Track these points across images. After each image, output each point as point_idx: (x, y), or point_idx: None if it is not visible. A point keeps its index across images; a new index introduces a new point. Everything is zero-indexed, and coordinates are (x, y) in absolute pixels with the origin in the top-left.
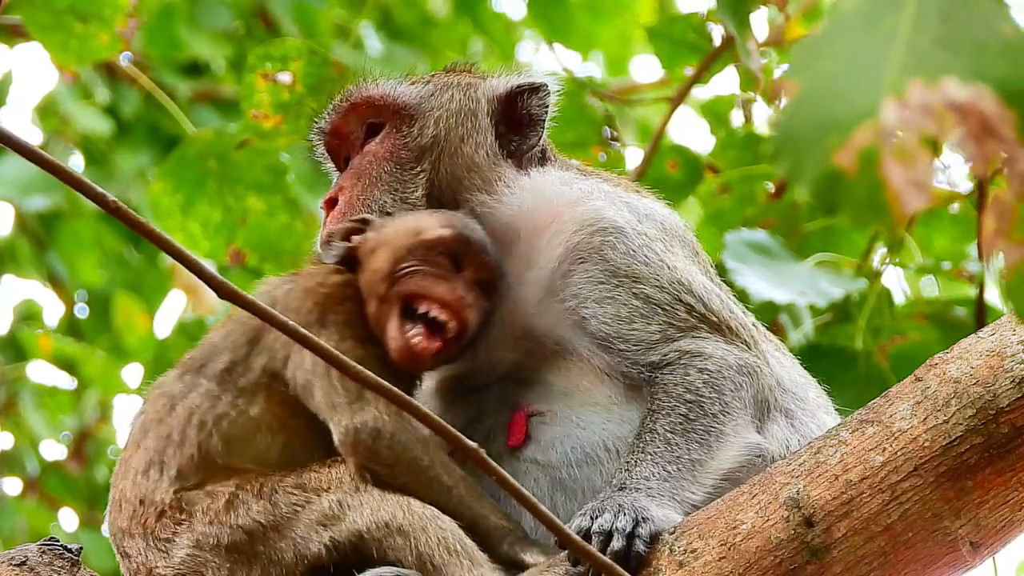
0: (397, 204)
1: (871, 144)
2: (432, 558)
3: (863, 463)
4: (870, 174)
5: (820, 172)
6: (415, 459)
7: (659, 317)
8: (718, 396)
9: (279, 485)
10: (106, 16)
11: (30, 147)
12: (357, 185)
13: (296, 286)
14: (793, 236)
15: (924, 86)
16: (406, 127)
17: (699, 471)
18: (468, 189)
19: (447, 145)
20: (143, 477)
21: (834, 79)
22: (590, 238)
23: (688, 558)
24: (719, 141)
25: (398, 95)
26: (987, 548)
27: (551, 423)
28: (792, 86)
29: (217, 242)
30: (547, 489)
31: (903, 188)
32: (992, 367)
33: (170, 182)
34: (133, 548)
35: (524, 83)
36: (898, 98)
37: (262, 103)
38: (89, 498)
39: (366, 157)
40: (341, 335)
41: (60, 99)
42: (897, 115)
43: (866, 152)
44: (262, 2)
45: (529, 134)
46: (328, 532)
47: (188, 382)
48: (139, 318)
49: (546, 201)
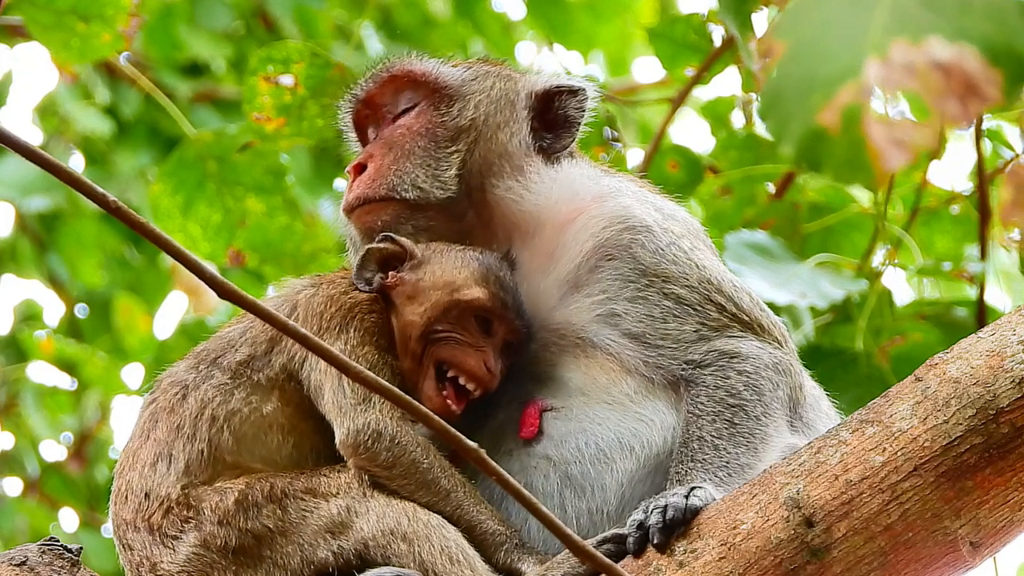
0: (429, 180)
1: (854, 103)
2: (434, 566)
3: (863, 463)
4: (852, 132)
5: (804, 130)
6: (414, 462)
7: (692, 317)
8: (759, 398)
9: (290, 488)
10: (108, 15)
11: (30, 147)
12: (388, 155)
13: (320, 292)
14: (794, 237)
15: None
16: (444, 106)
17: (748, 475)
18: (497, 175)
19: (484, 130)
20: (151, 469)
21: (819, 39)
22: (619, 235)
23: (688, 558)
24: (720, 142)
25: (440, 73)
26: (987, 548)
27: (566, 419)
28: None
29: (217, 243)
30: (556, 485)
31: (884, 146)
32: (992, 367)
33: (170, 183)
34: (137, 541)
35: (564, 84)
36: (881, 57)
37: (264, 106)
38: (89, 498)
39: (399, 129)
40: (361, 341)
41: (60, 99)
42: (880, 74)
43: (849, 110)
44: (262, 2)
45: (562, 135)
46: (336, 540)
47: (202, 372)
48: (140, 319)
49: (573, 194)
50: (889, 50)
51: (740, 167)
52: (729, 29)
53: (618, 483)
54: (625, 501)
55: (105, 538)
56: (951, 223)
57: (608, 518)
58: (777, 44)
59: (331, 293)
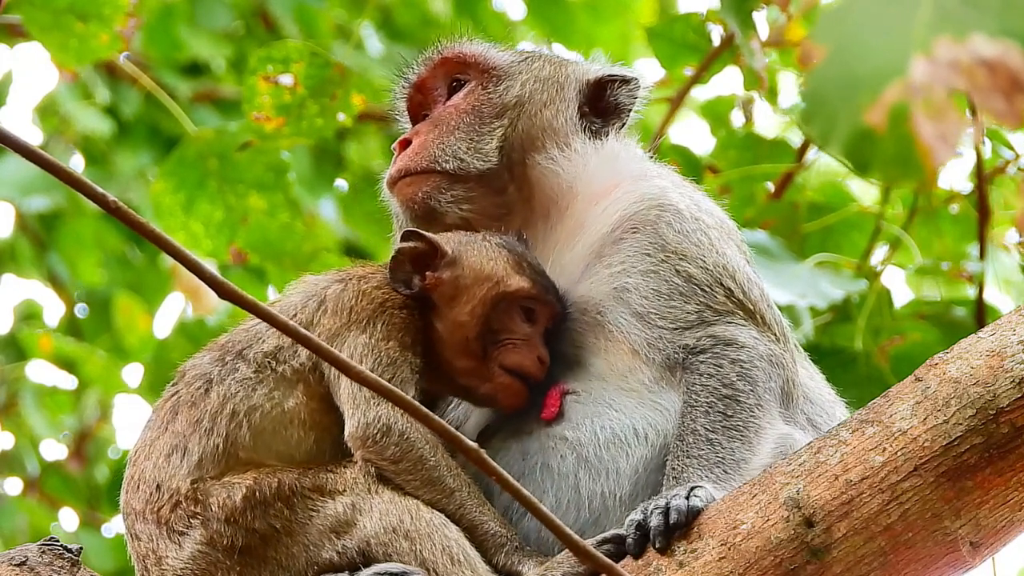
0: (470, 152)
1: (901, 101)
2: (435, 565)
3: (863, 463)
4: (901, 130)
5: (851, 131)
6: (421, 459)
7: (697, 297)
8: (752, 388)
9: (297, 485)
10: (106, 16)
11: (30, 147)
12: (433, 131)
13: (349, 287)
14: (793, 237)
15: (952, 43)
16: (492, 85)
17: (744, 468)
18: (540, 150)
19: (530, 107)
20: (165, 461)
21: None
22: (647, 212)
23: (688, 558)
24: (719, 141)
25: (490, 55)
26: (987, 548)
27: (585, 402)
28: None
29: (219, 241)
30: (572, 466)
31: (934, 142)
32: (992, 367)
33: (171, 182)
34: (145, 533)
35: (617, 73)
36: (926, 55)
37: (264, 105)
38: (89, 498)
39: (447, 109)
40: (386, 336)
41: (60, 99)
42: (926, 72)
43: (896, 109)
44: (262, 2)
45: (612, 121)
46: (340, 540)
47: (227, 365)
48: (140, 318)
49: (613, 170)
50: (934, 47)
51: (739, 167)
52: (731, 28)
53: (633, 468)
54: (639, 488)
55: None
56: (950, 223)
57: (620, 502)
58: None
59: (363, 288)
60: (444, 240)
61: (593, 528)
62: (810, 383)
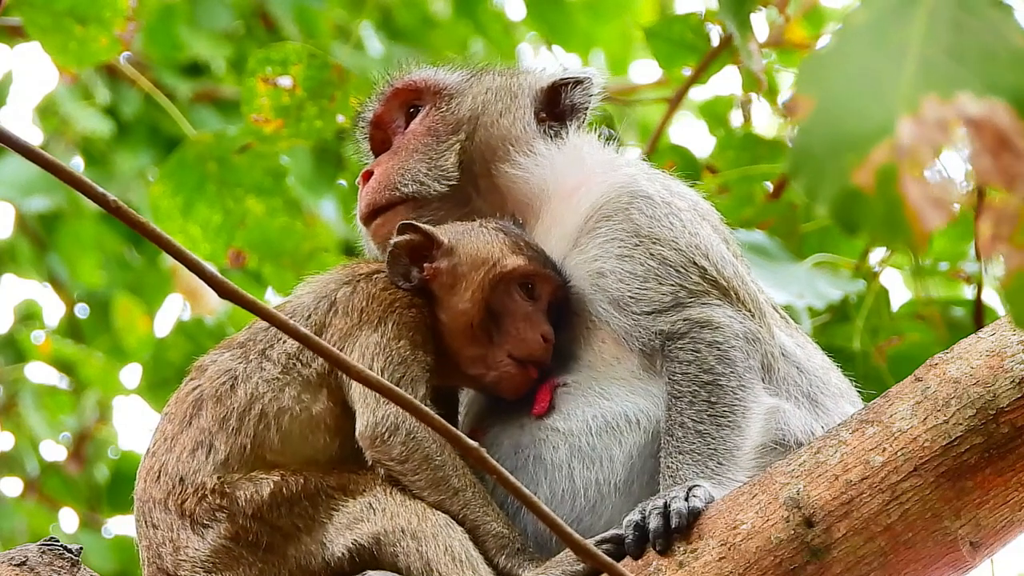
0: (431, 174)
1: (889, 162)
2: (438, 564)
3: (863, 463)
4: (889, 192)
5: (838, 191)
6: (427, 458)
7: (672, 279)
8: (732, 370)
9: (323, 483)
10: (105, 18)
11: (30, 147)
12: (393, 159)
13: (359, 290)
14: (791, 237)
15: (939, 101)
16: (445, 104)
17: (738, 456)
18: (502, 159)
19: (485, 118)
20: (190, 456)
21: (848, 95)
22: (618, 199)
23: (688, 558)
24: (718, 141)
25: (440, 77)
26: (987, 548)
27: (575, 393)
28: (806, 103)
29: (217, 244)
30: (565, 456)
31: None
32: (992, 367)
33: (170, 184)
34: (164, 522)
35: (568, 77)
36: (913, 114)
37: (263, 107)
38: (89, 498)
39: (406, 136)
40: (397, 334)
41: (60, 100)
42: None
43: (884, 170)
44: (262, 2)
45: (570, 122)
46: (352, 534)
47: (252, 363)
48: (139, 319)
49: (579, 165)
50: (921, 107)
51: (737, 167)
52: (729, 29)
53: (627, 455)
54: (633, 474)
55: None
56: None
57: (616, 489)
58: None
59: (372, 291)
60: (440, 230)
61: (590, 515)
62: (799, 352)
